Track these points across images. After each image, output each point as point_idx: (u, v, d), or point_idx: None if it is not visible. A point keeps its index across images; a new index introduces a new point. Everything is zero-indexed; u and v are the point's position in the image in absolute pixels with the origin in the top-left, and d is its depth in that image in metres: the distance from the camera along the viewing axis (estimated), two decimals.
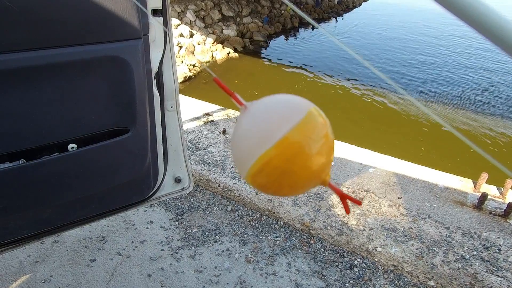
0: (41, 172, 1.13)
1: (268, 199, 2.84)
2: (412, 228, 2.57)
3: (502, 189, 2.99)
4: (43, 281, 2.16)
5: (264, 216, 2.81)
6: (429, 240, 2.47)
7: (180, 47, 10.15)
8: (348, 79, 9.95)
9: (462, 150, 6.41)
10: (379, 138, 6.84)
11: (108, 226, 2.63)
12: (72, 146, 1.18)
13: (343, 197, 0.55)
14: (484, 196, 2.76)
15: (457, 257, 2.33)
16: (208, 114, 4.20)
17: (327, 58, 11.88)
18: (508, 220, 2.66)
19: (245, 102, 0.58)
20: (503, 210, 2.72)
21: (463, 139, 0.46)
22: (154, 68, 1.38)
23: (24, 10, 0.93)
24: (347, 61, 11.50)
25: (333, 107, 8.09)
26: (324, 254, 2.48)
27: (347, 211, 0.56)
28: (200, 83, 9.30)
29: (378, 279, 2.30)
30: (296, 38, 14.42)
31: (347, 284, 2.26)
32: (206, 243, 2.54)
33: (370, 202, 2.84)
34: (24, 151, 1.10)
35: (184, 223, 2.71)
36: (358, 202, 0.54)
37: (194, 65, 10.04)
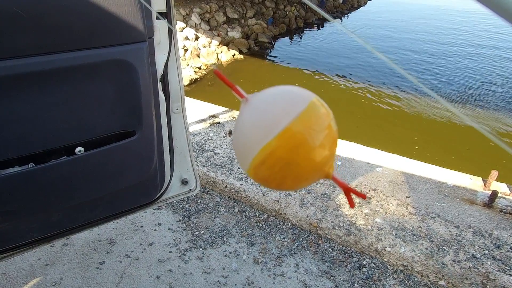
0: (50, 176, 1.15)
1: (275, 200, 2.83)
2: (421, 227, 2.55)
3: None
4: (54, 283, 2.19)
5: (271, 217, 2.81)
6: (439, 239, 2.44)
7: (186, 50, 10.21)
8: (353, 79, 9.90)
9: (461, 147, 6.34)
10: (384, 136, 6.79)
11: (116, 228, 2.65)
12: (79, 149, 1.19)
13: (347, 191, 0.54)
14: (494, 194, 2.72)
15: (468, 256, 2.30)
16: (214, 116, 4.21)
17: (332, 58, 11.84)
18: None
19: (246, 95, 0.57)
20: None
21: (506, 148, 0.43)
22: (160, 70, 1.39)
23: (32, 16, 0.95)
24: (352, 61, 11.45)
25: (338, 106, 8.05)
26: (332, 255, 2.46)
27: (352, 204, 0.55)
28: (205, 86, 9.34)
29: (387, 279, 2.28)
30: (301, 39, 14.41)
31: (356, 285, 2.24)
32: (213, 244, 2.54)
33: (378, 202, 2.82)
34: (33, 155, 1.12)
35: (191, 225, 2.72)
36: (362, 196, 0.53)
37: (199, 68, 10.09)
